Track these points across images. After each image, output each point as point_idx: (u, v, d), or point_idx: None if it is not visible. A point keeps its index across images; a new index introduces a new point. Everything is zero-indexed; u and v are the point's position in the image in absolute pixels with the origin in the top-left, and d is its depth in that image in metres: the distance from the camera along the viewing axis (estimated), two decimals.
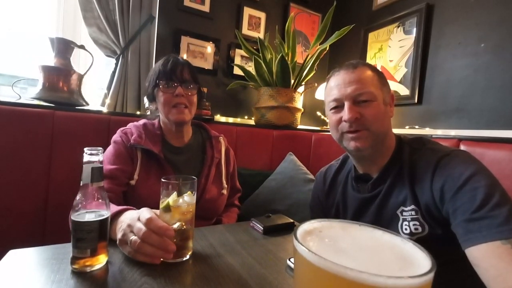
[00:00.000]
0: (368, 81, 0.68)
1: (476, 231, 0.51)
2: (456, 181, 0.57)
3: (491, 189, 0.53)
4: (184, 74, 0.88)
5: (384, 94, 0.70)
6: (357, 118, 0.67)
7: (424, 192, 0.63)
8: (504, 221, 0.49)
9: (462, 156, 0.62)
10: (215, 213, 0.96)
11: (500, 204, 0.51)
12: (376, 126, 0.67)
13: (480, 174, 0.56)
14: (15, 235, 0.98)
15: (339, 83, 0.70)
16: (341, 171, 0.87)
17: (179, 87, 0.86)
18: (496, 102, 1.24)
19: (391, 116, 0.73)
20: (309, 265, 0.20)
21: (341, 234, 0.26)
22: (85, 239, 0.48)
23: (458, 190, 0.56)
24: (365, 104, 0.67)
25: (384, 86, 0.71)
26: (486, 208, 0.51)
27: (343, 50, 2.16)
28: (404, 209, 0.66)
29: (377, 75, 0.71)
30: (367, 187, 0.74)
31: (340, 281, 0.18)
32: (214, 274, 0.50)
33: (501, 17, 1.24)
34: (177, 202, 0.55)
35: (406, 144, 0.72)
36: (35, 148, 1.02)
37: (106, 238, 0.51)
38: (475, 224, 0.51)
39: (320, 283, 0.20)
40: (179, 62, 0.90)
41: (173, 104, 0.87)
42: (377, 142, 0.69)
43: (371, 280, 0.17)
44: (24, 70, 1.48)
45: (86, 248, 0.48)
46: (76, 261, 0.48)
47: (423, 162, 0.65)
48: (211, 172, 0.94)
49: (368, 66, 0.72)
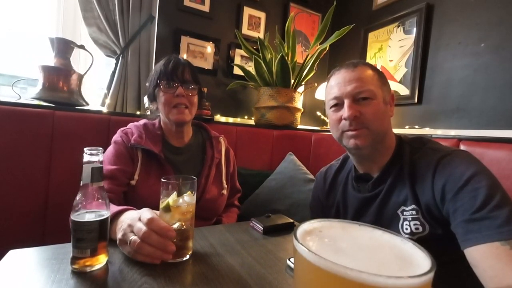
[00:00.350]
0: (368, 79, 0.69)
1: (476, 231, 0.51)
2: (457, 181, 0.57)
3: (492, 190, 0.53)
4: (185, 75, 0.89)
5: (384, 93, 0.71)
6: (356, 116, 0.67)
7: (425, 192, 0.63)
8: (504, 222, 0.49)
9: (463, 156, 0.62)
10: (215, 213, 0.96)
11: (500, 205, 0.51)
12: (376, 125, 0.68)
13: (481, 175, 0.56)
14: (15, 235, 0.98)
15: (339, 81, 0.71)
16: (341, 171, 0.87)
17: (180, 87, 0.86)
18: (496, 102, 1.24)
19: (391, 116, 0.73)
20: (309, 265, 0.20)
21: (341, 234, 0.26)
22: (85, 239, 0.48)
23: (459, 190, 0.56)
24: (365, 102, 0.68)
25: (384, 85, 0.72)
26: (487, 209, 0.51)
27: (343, 50, 2.16)
28: (405, 209, 0.66)
29: (377, 74, 0.72)
30: (368, 186, 0.74)
31: (340, 281, 0.18)
32: (214, 274, 0.50)
33: (501, 17, 1.24)
34: (177, 202, 0.55)
35: (407, 143, 0.72)
36: (35, 148, 1.02)
37: (106, 238, 0.51)
38: (475, 224, 0.51)
39: (320, 283, 0.20)
40: (180, 62, 0.90)
41: (174, 104, 0.87)
42: (377, 141, 0.69)
43: (370, 280, 0.17)
44: (24, 70, 1.48)
45: (86, 248, 0.48)
46: (76, 261, 0.48)
47: (424, 162, 0.65)
48: (211, 172, 0.94)
49: (368, 66, 0.72)
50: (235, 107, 1.92)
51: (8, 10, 1.45)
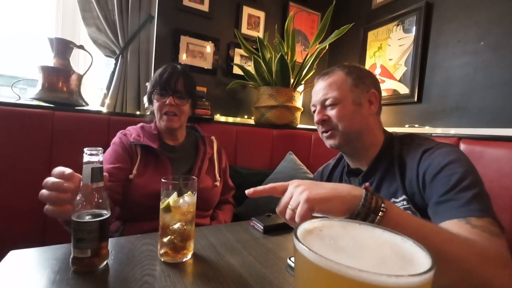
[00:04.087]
0: (335, 86, 0.75)
1: (441, 212, 0.55)
2: (434, 169, 0.60)
3: (465, 175, 0.56)
4: (177, 85, 0.95)
5: (356, 94, 0.75)
6: (325, 120, 0.75)
7: (412, 183, 0.66)
8: (465, 203, 0.52)
9: (446, 147, 0.65)
10: (210, 204, 1.01)
11: (467, 188, 0.54)
12: (343, 125, 0.74)
13: (457, 162, 0.59)
14: (15, 235, 0.98)
15: (314, 90, 0.81)
16: (337, 168, 0.91)
17: (170, 97, 0.93)
18: (496, 100, 1.24)
19: (370, 114, 0.76)
20: (309, 264, 0.20)
21: (341, 233, 0.26)
22: (86, 239, 0.47)
23: (434, 177, 0.59)
24: (331, 107, 0.75)
25: (356, 87, 0.75)
26: (453, 192, 0.55)
27: (343, 49, 2.15)
28: (395, 201, 0.69)
29: (350, 77, 0.76)
30: (358, 180, 0.78)
31: (341, 280, 0.18)
32: (215, 273, 0.50)
33: (500, 15, 1.24)
34: (178, 203, 0.55)
35: (397, 140, 0.76)
36: (35, 148, 1.02)
37: (106, 238, 0.51)
38: (442, 206, 0.55)
39: (320, 282, 0.20)
40: (176, 72, 0.95)
41: (164, 111, 0.94)
42: (351, 140, 0.75)
43: (371, 278, 0.18)
44: (23, 70, 1.47)
45: (87, 248, 0.48)
46: (76, 262, 0.48)
47: (411, 155, 0.69)
48: (204, 164, 1.01)
49: (342, 70, 0.77)
50: (234, 107, 1.92)
51: (7, 10, 1.45)
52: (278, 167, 1.45)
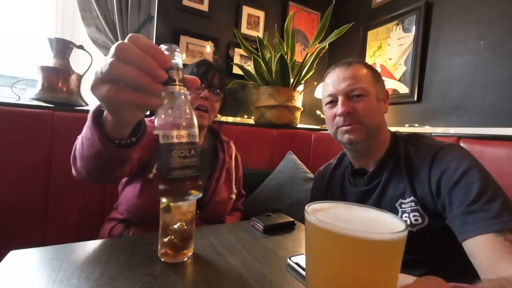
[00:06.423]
0: (361, 77, 0.71)
1: (472, 223, 0.53)
2: (451, 176, 0.60)
3: (485, 183, 0.56)
4: (214, 80, 0.90)
5: (378, 90, 0.73)
6: (350, 112, 0.70)
7: (423, 185, 0.65)
8: (497, 214, 0.52)
9: (457, 150, 0.65)
10: (222, 216, 0.96)
11: (493, 198, 0.54)
12: (369, 120, 0.70)
13: (474, 169, 0.59)
14: (15, 235, 0.98)
15: (334, 79, 0.74)
16: (338, 168, 0.89)
17: (206, 90, 0.86)
18: (496, 99, 1.24)
19: (384, 112, 0.75)
20: (314, 228, 0.27)
21: (344, 211, 0.32)
22: (189, 167, 0.36)
23: (454, 185, 0.58)
24: (358, 98, 0.71)
25: (377, 83, 0.74)
26: (481, 202, 0.54)
27: (342, 49, 2.15)
28: (403, 202, 0.68)
29: (371, 72, 0.74)
30: (364, 180, 0.76)
31: (339, 237, 0.25)
32: (215, 273, 0.50)
33: (500, 14, 1.24)
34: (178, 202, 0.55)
35: (401, 139, 0.75)
36: (35, 148, 1.02)
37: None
38: (471, 217, 0.54)
39: (321, 240, 0.27)
40: (212, 67, 0.90)
41: (196, 105, 0.86)
42: (370, 136, 0.72)
43: (363, 235, 0.24)
44: (23, 70, 1.47)
45: (196, 179, 0.38)
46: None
47: (420, 156, 0.68)
48: (222, 176, 0.94)
49: (363, 64, 0.75)
50: (234, 106, 1.92)
51: (7, 11, 1.45)
52: (278, 167, 1.45)
